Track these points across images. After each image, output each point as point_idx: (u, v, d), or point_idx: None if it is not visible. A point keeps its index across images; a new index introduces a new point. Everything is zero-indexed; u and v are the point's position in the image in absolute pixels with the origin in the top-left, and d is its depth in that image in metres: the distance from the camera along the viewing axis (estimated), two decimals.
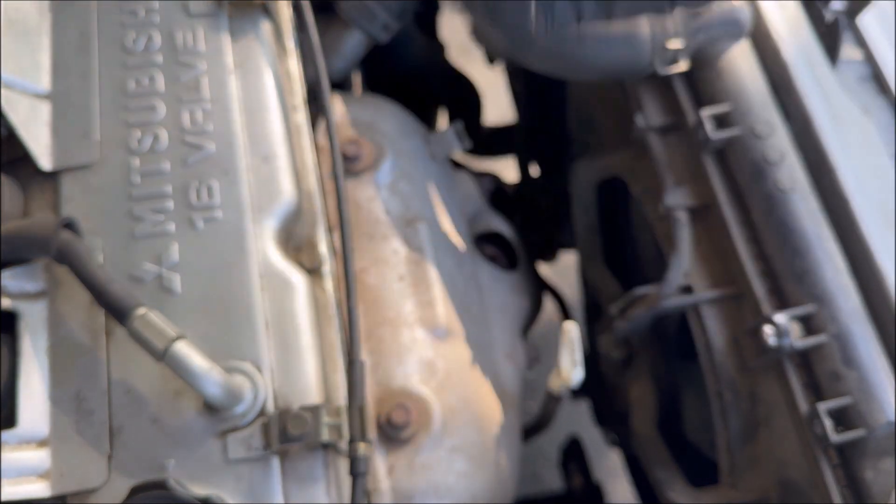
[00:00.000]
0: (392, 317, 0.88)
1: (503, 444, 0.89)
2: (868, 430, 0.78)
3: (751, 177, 0.91)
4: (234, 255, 0.78)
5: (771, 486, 0.87)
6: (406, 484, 0.81)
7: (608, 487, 1.72)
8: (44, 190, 0.81)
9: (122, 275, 0.77)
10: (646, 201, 1.03)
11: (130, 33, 0.89)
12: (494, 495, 0.85)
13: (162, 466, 0.70)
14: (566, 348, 0.86)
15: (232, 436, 0.71)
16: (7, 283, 0.75)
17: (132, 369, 0.73)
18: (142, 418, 0.72)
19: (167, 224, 0.79)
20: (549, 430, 1.13)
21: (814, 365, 0.83)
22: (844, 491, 0.78)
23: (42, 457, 0.70)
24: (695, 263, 0.94)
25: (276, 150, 0.85)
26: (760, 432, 0.88)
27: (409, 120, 1.06)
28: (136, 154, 0.82)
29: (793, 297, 0.86)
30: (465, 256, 1.02)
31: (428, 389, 0.85)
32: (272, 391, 0.74)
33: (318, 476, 0.71)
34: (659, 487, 1.00)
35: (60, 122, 0.83)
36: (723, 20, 0.95)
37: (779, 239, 0.88)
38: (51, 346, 0.74)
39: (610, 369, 1.23)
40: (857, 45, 1.08)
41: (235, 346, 0.75)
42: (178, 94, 0.86)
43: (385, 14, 1.08)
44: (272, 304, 0.77)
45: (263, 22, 0.93)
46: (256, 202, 0.81)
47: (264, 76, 0.88)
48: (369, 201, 0.94)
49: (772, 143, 0.92)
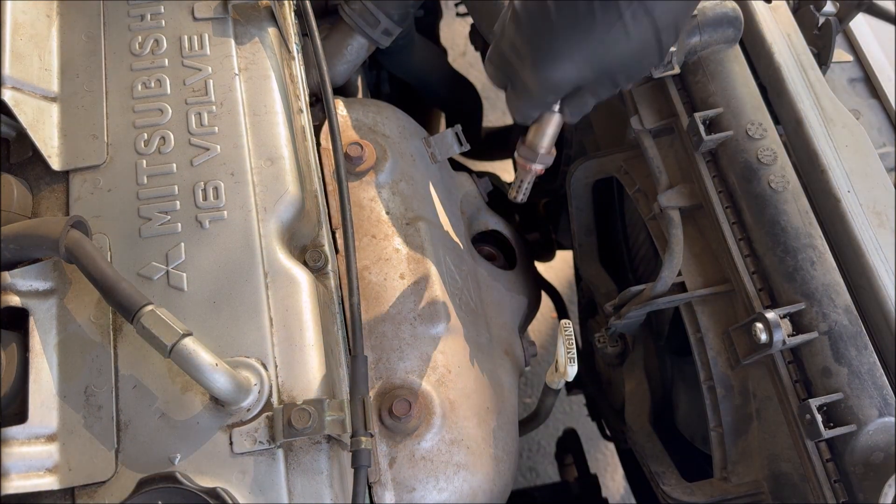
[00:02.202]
0: (393, 314, 0.89)
1: (501, 437, 0.90)
2: (859, 425, 0.78)
3: (743, 177, 0.92)
4: (239, 254, 0.79)
5: (763, 480, 0.88)
6: (407, 476, 0.82)
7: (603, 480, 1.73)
8: (53, 190, 0.82)
9: (130, 273, 0.77)
10: (640, 201, 1.04)
11: (137, 36, 0.90)
12: (493, 487, 0.86)
13: (169, 460, 0.71)
14: (563, 344, 0.87)
15: (237, 430, 0.72)
16: (17, 281, 0.75)
17: (140, 365, 0.74)
18: (149, 413, 0.72)
19: (174, 224, 0.80)
20: (546, 423, 1.14)
21: (805, 361, 0.84)
22: (836, 485, 0.79)
23: (51, 451, 0.71)
24: (688, 262, 0.95)
25: (281, 151, 0.85)
26: (752, 427, 0.89)
27: (410, 122, 1.07)
28: (144, 155, 0.83)
29: (784, 294, 0.86)
30: (465, 255, 1.03)
31: (428, 384, 0.86)
32: (277, 386, 0.74)
33: (322, 468, 0.72)
34: (653, 481, 1.01)
35: (69, 124, 0.84)
36: (715, 24, 0.96)
37: (770, 238, 0.88)
38: (60, 343, 0.75)
39: (605, 364, 1.24)
40: (848, 47, 1.09)
41: (241, 343, 0.76)
42: (184, 96, 0.87)
43: (386, 19, 1.09)
44: (277, 301, 0.78)
45: (268, 26, 0.93)
46: (261, 202, 0.82)
47: (269, 79, 0.89)
48: (371, 201, 0.95)
49: (764, 144, 0.92)
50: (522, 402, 2.18)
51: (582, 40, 0.65)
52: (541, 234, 1.54)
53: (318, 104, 1.03)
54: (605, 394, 1.30)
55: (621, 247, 1.30)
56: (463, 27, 2.69)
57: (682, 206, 0.96)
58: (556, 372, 0.91)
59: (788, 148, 0.95)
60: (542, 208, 1.52)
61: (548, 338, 2.20)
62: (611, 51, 0.66)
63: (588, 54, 0.66)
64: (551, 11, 0.65)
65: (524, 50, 0.69)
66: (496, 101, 2.67)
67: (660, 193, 0.97)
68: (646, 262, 1.22)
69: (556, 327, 1.09)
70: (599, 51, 0.66)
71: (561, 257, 1.75)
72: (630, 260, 1.29)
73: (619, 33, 0.64)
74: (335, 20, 1.13)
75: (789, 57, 0.99)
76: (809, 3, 1.04)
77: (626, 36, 0.64)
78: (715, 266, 0.94)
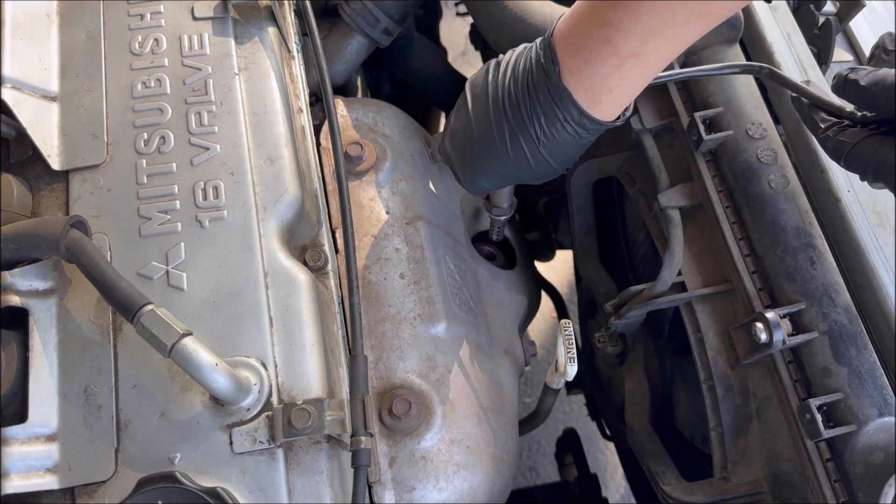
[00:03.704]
0: (393, 313, 0.89)
1: (501, 436, 0.90)
2: (859, 425, 0.78)
3: (743, 177, 0.92)
4: (239, 254, 0.79)
5: (763, 480, 0.88)
6: (407, 475, 0.82)
7: (603, 480, 1.74)
8: (53, 190, 0.82)
9: (130, 273, 0.77)
10: (640, 201, 1.04)
11: (137, 36, 0.90)
12: (493, 486, 0.86)
13: (169, 460, 0.70)
14: (563, 344, 0.87)
15: (237, 429, 0.72)
16: (17, 280, 0.75)
17: (140, 365, 0.74)
18: (149, 412, 0.72)
19: (174, 223, 0.80)
20: (546, 423, 1.14)
21: (805, 361, 0.84)
22: (836, 485, 0.79)
23: (51, 451, 0.71)
24: (688, 262, 0.95)
25: (281, 151, 0.85)
26: (752, 426, 0.89)
27: (410, 122, 1.07)
28: (144, 155, 0.83)
29: (784, 294, 0.86)
30: (465, 255, 1.03)
31: (428, 384, 0.86)
32: (277, 386, 0.74)
33: (322, 468, 0.72)
34: (653, 480, 1.01)
35: (69, 123, 0.84)
36: None
37: (770, 237, 0.88)
38: (60, 343, 0.75)
39: (605, 364, 1.25)
40: (848, 47, 1.09)
41: (241, 342, 0.75)
42: (184, 96, 0.87)
43: (386, 19, 1.09)
44: (277, 301, 0.78)
45: (268, 26, 0.93)
46: (261, 202, 0.82)
47: (269, 79, 0.89)
48: (371, 201, 0.95)
49: (764, 144, 0.93)
50: (522, 402, 2.18)
51: (496, 163, 0.82)
52: (541, 234, 1.54)
53: (318, 104, 1.03)
54: (605, 393, 1.30)
55: (621, 247, 1.30)
56: (463, 27, 2.69)
57: (682, 205, 0.96)
58: (556, 372, 0.91)
59: (788, 148, 0.95)
60: (542, 208, 1.53)
61: (548, 338, 2.20)
62: (518, 171, 0.82)
63: (501, 172, 0.84)
64: (475, 141, 0.82)
65: (456, 162, 0.88)
66: None
67: (660, 193, 0.97)
68: (646, 261, 1.22)
69: (556, 327, 1.09)
70: (510, 171, 0.83)
71: (561, 257, 1.75)
72: (630, 260, 1.29)
73: (524, 162, 0.80)
74: (335, 20, 1.13)
75: (789, 57, 0.99)
76: (809, 2, 1.04)
77: (528, 164, 0.80)
78: (715, 266, 0.95)
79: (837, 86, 0.75)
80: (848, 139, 0.74)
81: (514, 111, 0.78)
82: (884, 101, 0.71)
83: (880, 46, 0.77)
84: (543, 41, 0.76)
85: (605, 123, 0.76)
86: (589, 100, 0.74)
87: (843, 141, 0.75)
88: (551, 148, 0.78)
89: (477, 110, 0.82)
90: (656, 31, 0.69)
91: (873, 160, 0.72)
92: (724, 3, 0.68)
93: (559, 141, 0.77)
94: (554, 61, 0.74)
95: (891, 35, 0.77)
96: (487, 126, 0.80)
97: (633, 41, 0.69)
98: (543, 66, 0.75)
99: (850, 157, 0.74)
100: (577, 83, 0.73)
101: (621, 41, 0.70)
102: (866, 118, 0.76)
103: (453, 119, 0.87)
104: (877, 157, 0.72)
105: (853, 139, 0.74)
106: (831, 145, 0.77)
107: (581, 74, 0.73)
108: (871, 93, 0.72)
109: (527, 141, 0.78)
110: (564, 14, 0.76)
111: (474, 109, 0.82)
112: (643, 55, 0.70)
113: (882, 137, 0.72)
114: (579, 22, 0.73)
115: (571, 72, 0.73)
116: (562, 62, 0.74)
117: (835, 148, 0.76)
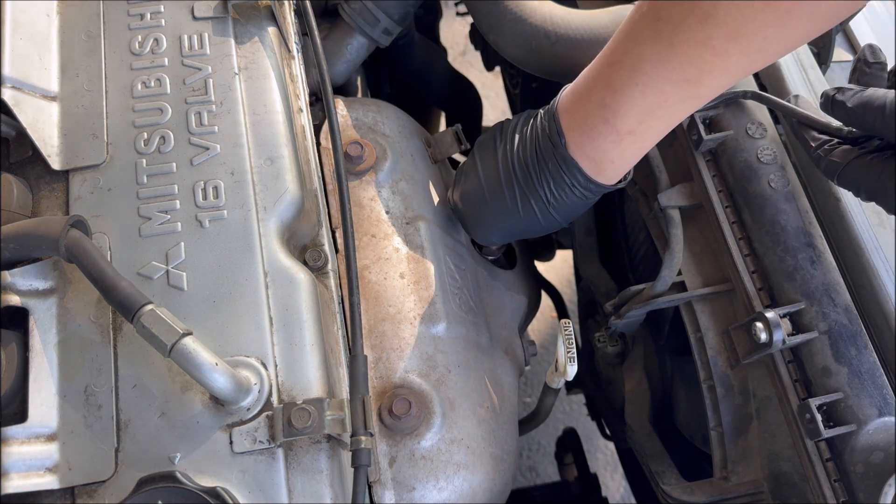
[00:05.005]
0: (393, 313, 0.89)
1: (501, 436, 0.90)
2: (858, 424, 0.79)
3: (743, 177, 0.92)
4: (239, 254, 0.79)
5: (763, 479, 0.88)
6: (407, 475, 0.81)
7: (603, 480, 1.74)
8: (52, 189, 0.82)
9: (130, 273, 0.77)
10: (640, 201, 1.04)
11: (137, 36, 0.90)
12: (493, 486, 0.86)
13: (169, 459, 0.70)
14: (562, 344, 0.87)
15: (237, 429, 0.72)
16: (17, 280, 0.75)
17: (140, 364, 0.74)
18: (149, 412, 0.72)
19: (174, 223, 0.80)
20: (546, 423, 1.14)
21: (805, 361, 0.84)
22: (836, 485, 0.79)
23: (51, 450, 0.71)
24: (688, 261, 0.96)
25: (281, 151, 0.85)
26: (752, 426, 0.89)
27: (410, 122, 1.07)
28: (144, 154, 0.83)
29: (784, 294, 0.86)
30: (465, 254, 1.03)
31: (428, 384, 0.86)
32: (277, 385, 0.74)
33: (322, 468, 0.72)
34: (653, 480, 1.01)
35: (69, 123, 0.84)
36: None
37: (770, 237, 0.88)
38: (60, 342, 0.75)
39: (605, 364, 1.25)
40: (848, 47, 1.09)
41: (241, 342, 0.75)
42: (184, 95, 0.86)
43: (386, 18, 1.09)
44: (277, 300, 0.78)
45: (268, 26, 0.93)
46: (261, 202, 0.82)
47: (269, 79, 0.89)
48: (371, 201, 0.95)
49: (764, 144, 0.93)
50: (522, 401, 2.18)
51: (507, 221, 0.89)
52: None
53: (318, 103, 1.03)
54: (605, 393, 1.30)
55: (621, 246, 1.30)
56: (463, 27, 2.69)
57: (682, 205, 0.96)
58: (556, 371, 0.91)
59: (788, 148, 0.96)
60: None
61: (548, 338, 2.20)
62: (527, 227, 0.89)
63: (510, 228, 0.90)
64: (486, 199, 0.89)
65: (468, 220, 0.94)
66: (496, 101, 2.68)
67: (660, 193, 0.97)
68: (646, 261, 1.22)
69: (556, 327, 1.09)
70: (518, 226, 0.89)
71: (561, 257, 1.75)
72: (630, 260, 1.29)
73: (534, 221, 0.87)
74: (335, 20, 1.13)
75: (789, 56, 0.99)
76: None
77: (538, 222, 0.87)
78: (715, 265, 0.95)
79: (825, 105, 0.77)
80: (839, 159, 0.77)
81: (524, 176, 0.84)
82: (871, 122, 0.73)
83: (861, 59, 0.78)
84: (548, 113, 0.83)
85: (609, 187, 0.83)
86: (594, 169, 0.81)
87: (835, 161, 0.77)
88: (560, 208, 0.85)
89: (487, 173, 0.88)
90: (650, 112, 0.74)
91: (864, 182, 0.74)
92: (714, 85, 0.72)
93: (567, 202, 0.84)
94: (560, 133, 0.80)
95: (871, 47, 0.78)
96: (499, 188, 0.87)
97: (630, 121, 0.75)
98: (550, 137, 0.82)
99: (841, 177, 0.77)
100: (582, 154, 0.80)
101: (619, 122, 0.76)
102: (853, 134, 0.78)
103: (464, 180, 0.93)
104: (867, 180, 0.74)
105: (843, 159, 0.76)
106: (823, 165, 0.79)
107: (584, 147, 0.80)
108: (857, 115, 0.74)
109: (537, 202, 0.85)
110: (566, 89, 0.82)
111: (484, 172, 0.89)
112: (640, 133, 0.77)
113: (871, 158, 0.74)
114: (580, 100, 0.79)
115: (576, 144, 0.80)
116: (566, 136, 0.80)
117: (827, 167, 0.78)
